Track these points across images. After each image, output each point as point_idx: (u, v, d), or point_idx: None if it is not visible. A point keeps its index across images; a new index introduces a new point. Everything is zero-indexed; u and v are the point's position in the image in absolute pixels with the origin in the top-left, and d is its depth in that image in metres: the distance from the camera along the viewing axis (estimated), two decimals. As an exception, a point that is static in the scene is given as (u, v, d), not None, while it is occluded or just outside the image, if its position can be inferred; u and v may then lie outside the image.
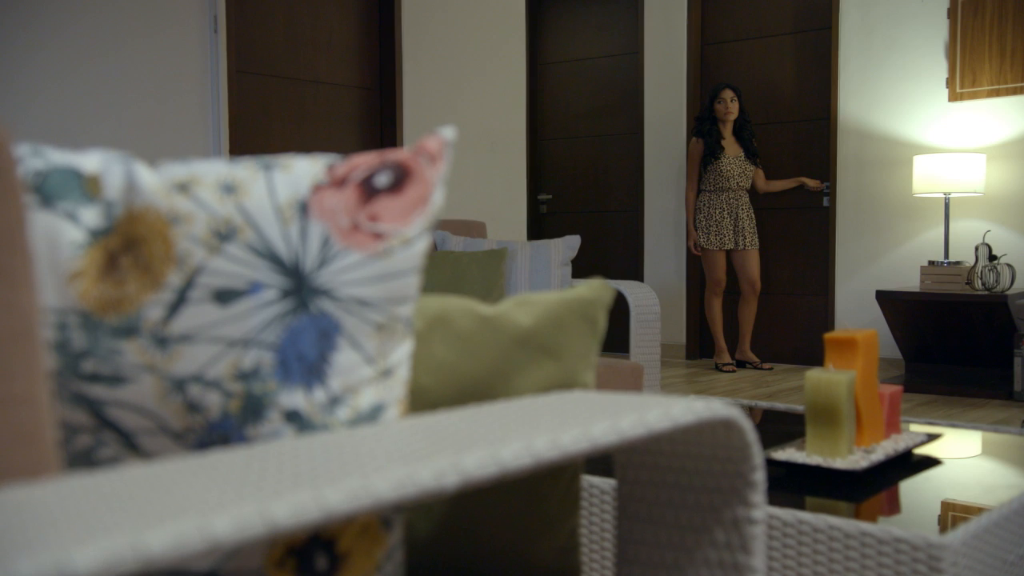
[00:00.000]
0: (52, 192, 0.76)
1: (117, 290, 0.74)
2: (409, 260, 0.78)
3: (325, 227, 0.76)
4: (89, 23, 3.52)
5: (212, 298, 0.74)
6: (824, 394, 1.64)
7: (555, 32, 6.69)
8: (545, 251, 3.10)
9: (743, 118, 5.64)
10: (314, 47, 4.47)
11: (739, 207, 5.63)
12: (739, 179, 5.59)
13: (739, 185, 5.60)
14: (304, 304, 0.75)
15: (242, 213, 0.76)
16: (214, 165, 0.79)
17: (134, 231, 0.75)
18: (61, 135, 3.46)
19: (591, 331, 0.96)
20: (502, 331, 0.93)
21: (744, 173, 5.61)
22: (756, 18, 5.94)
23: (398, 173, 0.77)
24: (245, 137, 4.18)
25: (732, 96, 5.58)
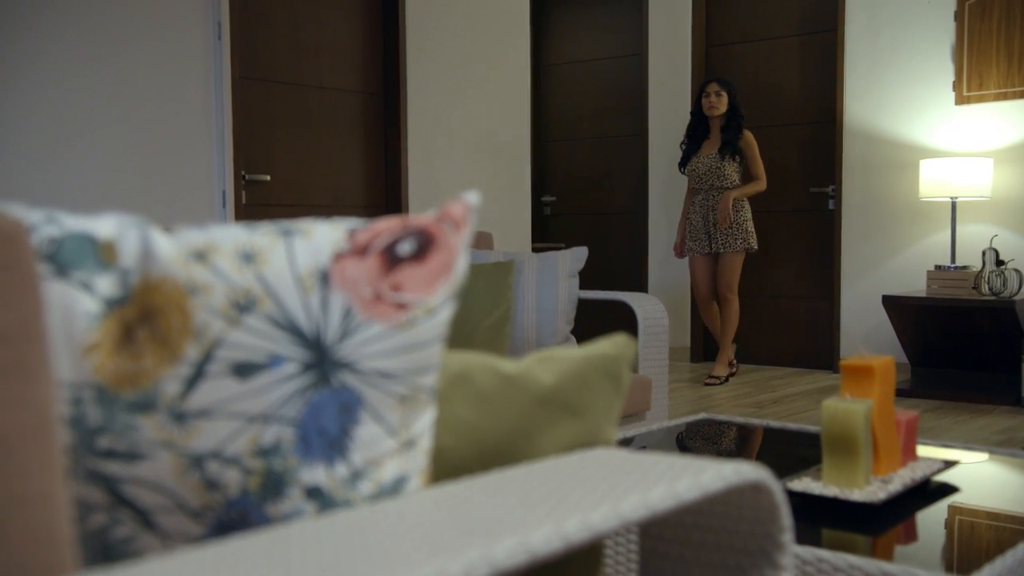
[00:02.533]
0: (67, 261, 0.74)
1: (133, 363, 0.72)
2: (433, 330, 0.75)
3: (347, 298, 0.74)
4: (92, 29, 3.49)
5: (231, 372, 0.72)
6: (841, 424, 1.62)
7: (559, 33, 6.66)
8: (552, 263, 3.08)
9: (733, 114, 5.19)
10: (317, 52, 4.44)
11: (710, 208, 5.20)
12: (709, 178, 5.16)
13: (712, 185, 5.16)
14: (325, 378, 0.73)
15: (262, 283, 0.73)
16: (232, 231, 0.76)
17: (151, 301, 0.73)
18: (63, 142, 3.43)
19: (615, 388, 0.94)
20: (524, 390, 0.91)
21: (713, 171, 5.14)
22: (761, 20, 5.90)
23: (421, 240, 0.75)
24: (249, 143, 4.15)
25: (718, 90, 5.16)
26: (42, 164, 3.39)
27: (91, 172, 3.51)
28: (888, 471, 1.70)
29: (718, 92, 5.16)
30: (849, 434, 1.62)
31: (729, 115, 5.18)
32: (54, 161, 3.42)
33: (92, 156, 3.52)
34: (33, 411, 0.57)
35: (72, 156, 3.46)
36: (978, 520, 1.62)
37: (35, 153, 3.37)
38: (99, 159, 3.54)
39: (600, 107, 6.50)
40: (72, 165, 3.46)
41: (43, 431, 0.57)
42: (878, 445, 1.70)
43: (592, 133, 6.56)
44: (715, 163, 5.14)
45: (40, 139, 3.38)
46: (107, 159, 3.56)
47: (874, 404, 1.68)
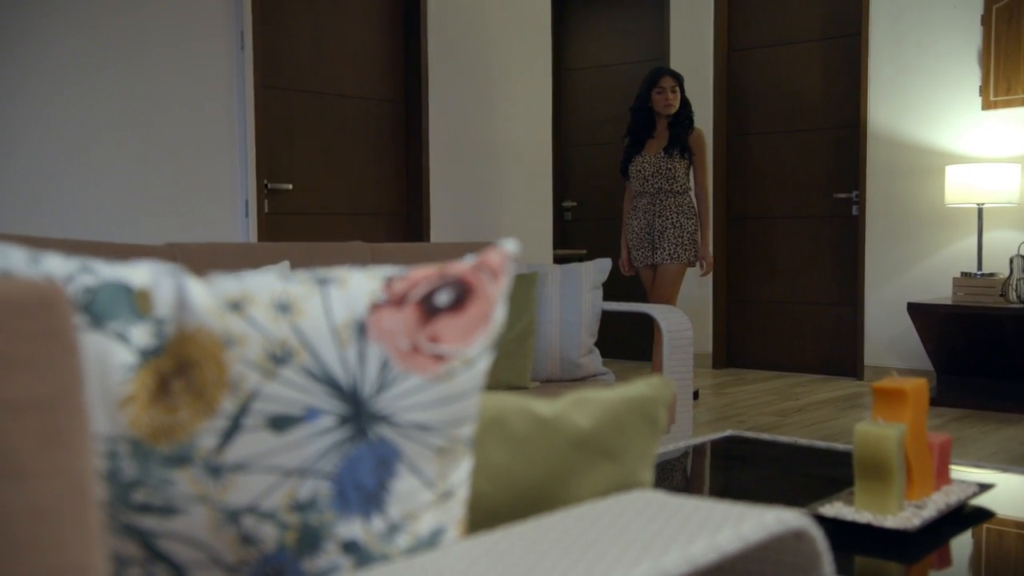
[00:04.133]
0: (102, 311, 0.73)
1: (169, 417, 0.71)
2: (471, 381, 0.74)
3: (384, 350, 0.72)
4: (117, 39, 3.50)
5: (267, 425, 0.71)
6: (874, 448, 1.60)
7: (580, 38, 6.64)
8: (576, 275, 3.06)
9: (684, 112, 4.74)
10: (339, 61, 4.45)
11: (656, 214, 4.67)
12: (654, 180, 4.65)
13: (656, 187, 4.66)
14: (362, 431, 0.72)
15: (298, 335, 0.72)
16: (267, 279, 0.75)
17: (186, 353, 0.72)
18: (87, 153, 3.45)
19: (651, 430, 0.92)
20: (560, 433, 0.89)
21: (660, 172, 4.64)
22: (783, 25, 5.86)
23: (459, 291, 0.74)
24: (271, 152, 4.16)
25: (673, 85, 4.70)
26: (65, 174, 3.40)
27: (115, 182, 3.53)
28: (922, 496, 1.68)
29: (673, 88, 4.70)
30: (882, 459, 1.59)
31: (679, 110, 4.75)
32: (78, 171, 3.43)
33: (116, 166, 3.53)
34: (71, 481, 0.56)
35: (96, 166, 3.48)
36: (1014, 546, 1.60)
37: (59, 163, 3.38)
38: (123, 169, 3.55)
39: (621, 112, 6.46)
40: (96, 175, 3.47)
41: (81, 501, 0.56)
42: (911, 469, 1.67)
43: (613, 138, 6.53)
44: (663, 163, 4.65)
45: (64, 149, 3.39)
46: (131, 169, 3.57)
47: (907, 428, 1.66)
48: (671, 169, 4.64)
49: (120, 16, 3.52)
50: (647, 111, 4.75)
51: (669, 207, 4.66)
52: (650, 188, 4.69)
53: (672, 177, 4.65)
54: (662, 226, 4.67)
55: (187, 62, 3.74)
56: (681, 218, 4.66)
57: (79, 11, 3.41)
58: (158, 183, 3.66)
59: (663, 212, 4.66)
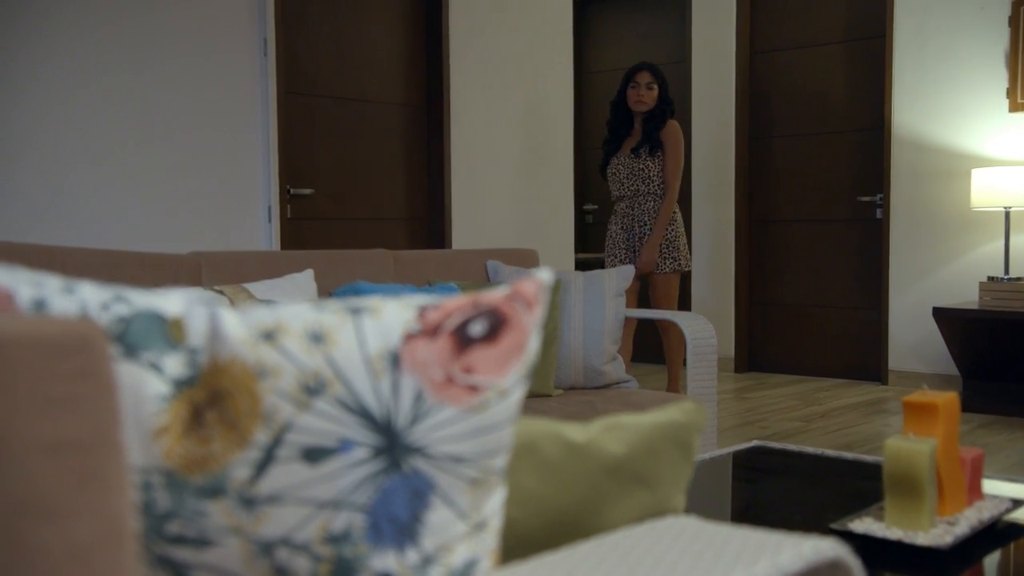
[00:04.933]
0: (136, 341, 0.73)
1: (202, 448, 0.71)
2: (505, 412, 0.74)
3: (418, 381, 0.72)
4: (141, 46, 3.52)
5: (301, 457, 0.71)
6: (904, 464, 1.58)
7: (600, 41, 6.62)
8: (599, 282, 3.05)
9: (660, 109, 4.42)
10: (361, 66, 4.45)
11: (635, 219, 4.40)
12: (629, 182, 4.40)
13: (633, 190, 4.39)
14: (396, 463, 0.72)
15: (331, 365, 0.72)
16: (300, 309, 0.75)
17: (220, 384, 0.72)
18: (111, 159, 3.47)
19: (685, 457, 0.91)
20: (592, 459, 0.88)
21: (634, 173, 4.38)
22: (807, 27, 5.82)
23: (493, 321, 0.73)
24: (294, 157, 4.17)
25: (649, 81, 4.41)
26: (89, 182, 3.42)
27: (139, 189, 3.55)
28: (953, 512, 1.65)
29: (649, 84, 4.41)
30: (913, 475, 1.57)
31: (656, 108, 4.44)
32: (101, 179, 3.45)
33: (140, 173, 3.55)
34: (108, 521, 0.56)
35: (120, 173, 3.50)
36: (1048, 564, 1.57)
37: (81, 171, 3.40)
38: (147, 176, 3.57)
39: (642, 115, 6.44)
40: (120, 182, 3.50)
41: (117, 541, 0.56)
42: (943, 485, 1.65)
43: (634, 141, 6.51)
44: (634, 163, 4.38)
45: (87, 157, 3.42)
46: (155, 176, 3.59)
47: (938, 443, 1.64)
48: (643, 170, 4.36)
49: (144, 24, 3.54)
50: (625, 107, 4.51)
51: (648, 211, 4.39)
52: (627, 191, 4.43)
53: (647, 178, 4.36)
54: (640, 232, 4.41)
55: (211, 69, 3.76)
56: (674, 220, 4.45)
57: (101, 19, 3.43)
58: (182, 189, 3.68)
59: (641, 216, 4.40)
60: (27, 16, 3.23)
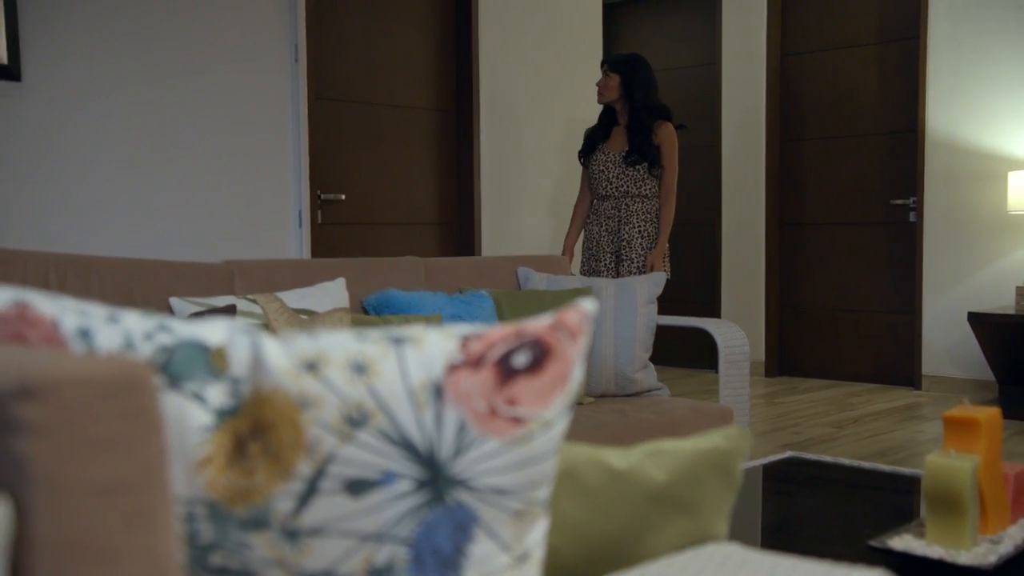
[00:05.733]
0: (179, 371, 0.73)
1: (246, 480, 0.71)
2: (548, 443, 0.73)
3: (461, 412, 0.71)
4: (173, 52, 3.55)
5: (344, 489, 0.71)
6: (945, 481, 1.56)
7: (630, 44, 6.59)
8: (630, 289, 3.03)
9: (634, 110, 4.12)
10: (391, 71, 4.46)
11: (621, 221, 4.11)
12: (619, 183, 4.10)
13: (622, 191, 4.10)
14: (440, 496, 0.71)
15: (374, 397, 0.72)
16: (342, 339, 0.75)
17: (262, 415, 0.72)
18: (142, 165, 3.49)
19: (728, 484, 0.90)
20: (634, 486, 0.87)
21: (625, 176, 4.09)
22: (839, 28, 5.76)
23: (537, 352, 0.73)
24: (324, 163, 4.18)
25: (607, 69, 4.18)
26: (122, 187, 3.45)
27: (171, 194, 3.57)
28: (997, 530, 1.63)
29: (607, 73, 4.17)
30: (955, 492, 1.55)
31: (631, 109, 4.14)
32: (134, 184, 3.48)
33: (172, 179, 3.58)
34: (155, 562, 0.55)
35: (152, 179, 3.52)
36: (1093, 584, 1.54)
37: (115, 176, 3.43)
38: (179, 182, 3.60)
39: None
40: (152, 187, 3.52)
41: (167, 580, 0.56)
42: (985, 502, 1.62)
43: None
44: (625, 171, 4.09)
45: (120, 162, 3.44)
46: (187, 182, 3.62)
47: (981, 459, 1.61)
48: (638, 172, 4.07)
49: (176, 31, 3.56)
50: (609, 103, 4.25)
51: (636, 212, 4.09)
52: (614, 191, 4.11)
53: (638, 180, 4.08)
54: (628, 235, 4.08)
55: (242, 75, 3.78)
56: (648, 226, 4.10)
57: (135, 27, 3.46)
58: (213, 195, 3.70)
59: (629, 218, 4.08)
60: (61, 25, 3.27)
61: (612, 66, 4.16)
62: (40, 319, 0.73)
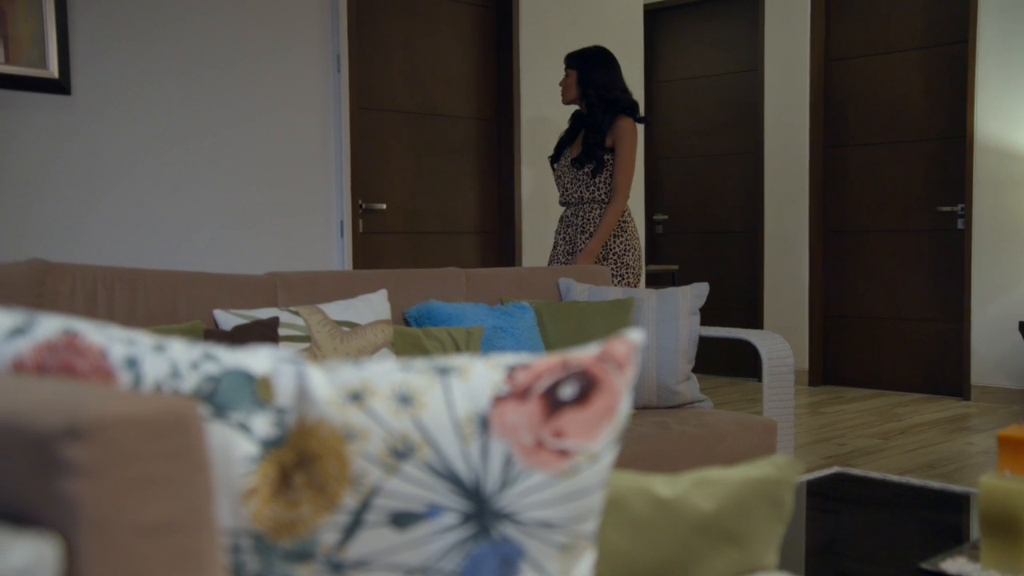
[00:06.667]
0: (225, 401, 0.73)
1: (291, 511, 0.71)
2: (595, 476, 0.72)
3: (507, 445, 0.70)
4: (216, 66, 3.59)
5: (389, 522, 0.70)
6: (1001, 504, 1.52)
7: (670, 50, 6.56)
8: (672, 300, 3.00)
9: (589, 100, 3.83)
10: (432, 81, 4.48)
11: (579, 228, 3.85)
12: (574, 188, 3.84)
13: (578, 197, 3.84)
14: (485, 530, 0.70)
15: (419, 429, 0.71)
16: (387, 369, 0.74)
17: (307, 447, 0.72)
18: (185, 174, 3.53)
19: (777, 514, 0.88)
20: (681, 516, 0.86)
21: (576, 181, 3.83)
22: (884, 32, 5.68)
23: (584, 383, 0.71)
24: (366, 172, 4.21)
25: (566, 70, 3.92)
26: (166, 197, 3.49)
27: (214, 204, 3.61)
28: (1052, 553, 1.58)
29: (566, 70, 3.91)
30: (1011, 515, 1.51)
31: (587, 107, 3.84)
32: (178, 194, 3.52)
33: (215, 188, 3.61)
34: (203, 600, 0.55)
35: (195, 189, 3.56)
36: None
37: (160, 187, 3.48)
38: (222, 191, 3.63)
39: (713, 124, 6.37)
40: (195, 197, 3.56)
41: (213, 620, 0.56)
42: (1040, 525, 1.58)
43: (704, 151, 6.44)
44: (575, 175, 3.84)
45: (165, 173, 3.49)
46: (230, 191, 3.65)
47: (1036, 481, 1.57)
48: (585, 175, 3.80)
49: (220, 45, 3.60)
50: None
51: (593, 220, 3.81)
52: (571, 197, 3.88)
53: (591, 184, 3.80)
54: (584, 244, 3.82)
55: (285, 86, 3.81)
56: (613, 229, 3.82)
57: (180, 40, 3.50)
58: (256, 204, 3.73)
59: (586, 226, 3.83)
60: (110, 41, 3.32)
61: (568, 62, 3.88)
62: (89, 348, 0.74)
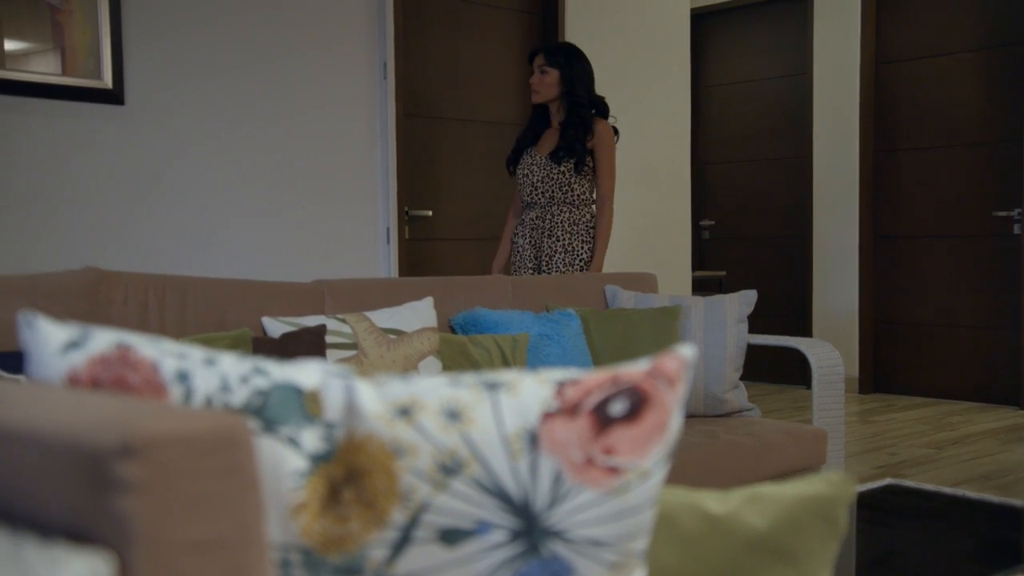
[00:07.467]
0: (274, 416, 0.73)
1: (340, 527, 0.71)
2: (646, 493, 0.71)
3: (557, 462, 0.70)
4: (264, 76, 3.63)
5: (438, 538, 0.70)
6: (1060, 520, 1.47)
7: (718, 54, 6.51)
8: (720, 308, 2.97)
9: (573, 104, 3.58)
10: (478, 87, 4.48)
11: (545, 232, 3.59)
12: (544, 187, 3.57)
13: (548, 198, 3.56)
14: (535, 547, 0.69)
15: (468, 445, 0.70)
16: (435, 384, 0.74)
17: (356, 462, 0.71)
18: (232, 181, 3.58)
19: (831, 532, 0.86)
20: (733, 534, 0.84)
21: (550, 179, 3.55)
22: (938, 34, 5.58)
23: (634, 400, 0.71)
24: (412, 179, 4.22)
25: (543, 64, 3.60)
26: (216, 205, 3.54)
27: (263, 210, 3.65)
28: (1115, 572, 1.54)
29: (543, 68, 3.60)
30: (1070, 532, 1.47)
31: (569, 106, 3.59)
32: (225, 200, 3.57)
33: (263, 196, 3.65)
34: (254, 618, 0.55)
35: (243, 195, 3.60)
36: None
37: (210, 195, 3.52)
38: (270, 198, 3.67)
39: (761, 129, 6.30)
40: (242, 204, 3.61)
41: (263, 637, 0.56)
42: (1103, 543, 1.53)
43: (752, 155, 6.37)
44: (551, 171, 3.56)
45: (215, 181, 3.53)
46: (278, 197, 3.69)
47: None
48: (564, 180, 3.54)
49: (269, 54, 3.65)
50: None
51: (561, 223, 3.56)
52: (540, 198, 3.59)
53: (564, 185, 3.55)
54: (551, 248, 3.56)
55: (333, 94, 3.84)
56: (574, 240, 3.55)
57: (226, 50, 3.55)
58: (304, 210, 3.77)
59: (553, 230, 3.56)
60: (163, 51, 3.37)
61: (549, 59, 3.59)
62: (141, 361, 0.75)
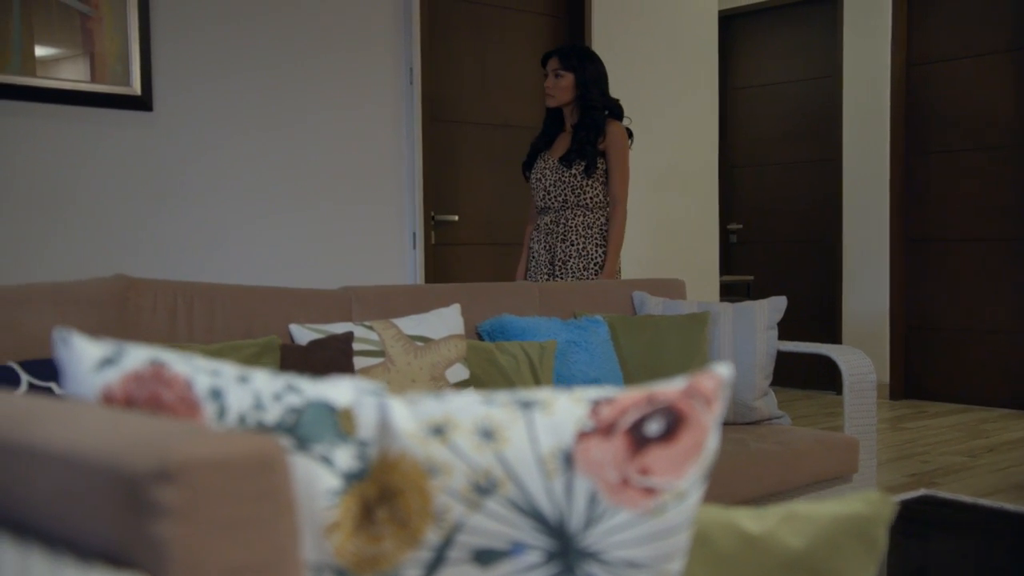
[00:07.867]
0: (307, 434, 0.73)
1: (373, 546, 0.70)
2: (682, 514, 0.70)
3: (592, 482, 0.69)
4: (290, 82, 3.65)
5: (472, 559, 0.69)
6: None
7: (745, 56, 6.47)
8: (749, 314, 2.95)
9: (587, 107, 3.52)
10: (504, 92, 4.48)
11: (559, 237, 3.54)
12: (556, 191, 3.52)
13: (561, 202, 3.52)
14: (570, 568, 0.69)
15: (502, 464, 0.70)
16: (469, 402, 0.73)
17: (390, 481, 0.71)
18: (259, 186, 3.59)
19: (870, 554, 0.85)
20: (769, 553, 0.83)
21: (561, 183, 3.50)
22: (970, 35, 5.51)
23: (670, 419, 0.70)
24: (438, 184, 4.23)
25: (557, 68, 3.54)
26: (243, 211, 3.56)
27: (289, 214, 3.66)
28: None
29: (557, 72, 3.54)
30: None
31: (582, 108, 3.53)
32: (254, 208, 3.59)
33: (289, 202, 3.67)
34: (289, 643, 0.55)
35: (269, 201, 3.62)
36: None
37: (237, 201, 3.54)
38: (296, 202, 3.69)
39: (789, 131, 6.26)
40: (269, 210, 3.62)
41: (298, 662, 0.55)
42: None
43: (780, 159, 6.33)
44: (562, 175, 3.51)
45: (242, 187, 3.55)
46: (304, 202, 3.71)
47: None
48: (576, 183, 3.49)
49: (294, 59, 3.66)
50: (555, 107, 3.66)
51: (575, 228, 3.51)
52: (553, 203, 3.55)
53: (577, 188, 3.50)
54: (565, 253, 3.52)
55: (359, 99, 3.85)
56: (588, 244, 3.50)
57: (253, 57, 3.57)
58: (329, 215, 3.78)
59: (567, 234, 3.52)
60: (190, 59, 3.40)
61: (564, 63, 3.53)
62: (175, 379, 0.75)
